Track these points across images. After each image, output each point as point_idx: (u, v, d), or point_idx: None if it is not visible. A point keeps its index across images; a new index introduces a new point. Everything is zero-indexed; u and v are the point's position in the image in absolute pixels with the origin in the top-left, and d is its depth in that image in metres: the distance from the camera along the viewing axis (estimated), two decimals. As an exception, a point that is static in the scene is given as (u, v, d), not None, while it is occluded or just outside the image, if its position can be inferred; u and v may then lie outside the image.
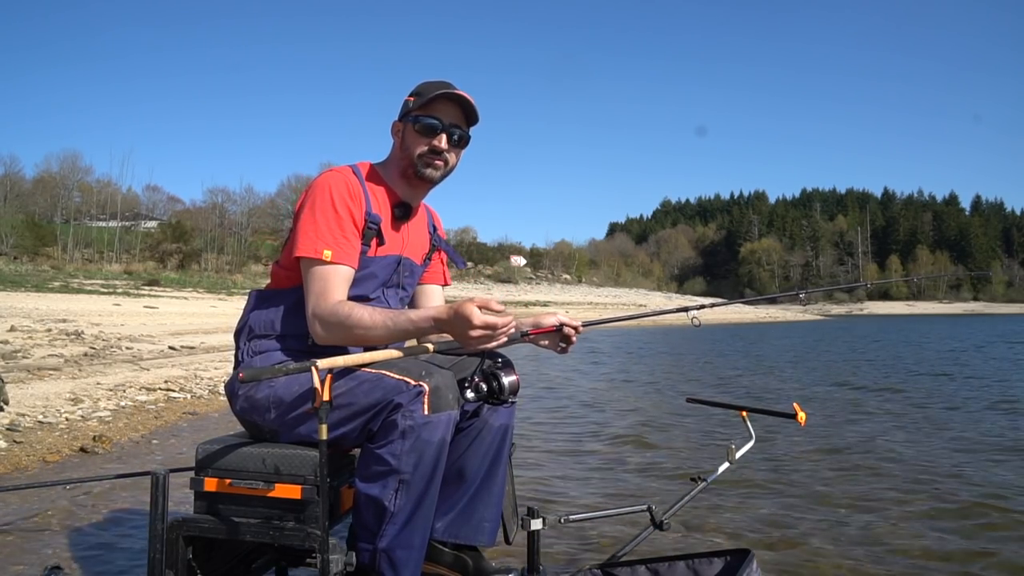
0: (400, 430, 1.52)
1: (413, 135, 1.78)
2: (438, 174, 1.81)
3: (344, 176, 1.74)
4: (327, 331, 1.63)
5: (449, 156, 1.81)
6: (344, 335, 1.63)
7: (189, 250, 50.35)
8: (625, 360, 13.10)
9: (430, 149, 1.77)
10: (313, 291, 1.65)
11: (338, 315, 1.61)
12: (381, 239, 1.78)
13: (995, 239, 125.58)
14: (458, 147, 1.83)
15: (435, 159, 1.78)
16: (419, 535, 1.58)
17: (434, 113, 1.77)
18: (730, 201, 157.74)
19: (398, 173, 1.83)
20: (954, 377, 9.32)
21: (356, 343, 1.66)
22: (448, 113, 1.78)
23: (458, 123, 1.79)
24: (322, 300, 1.64)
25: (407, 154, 1.79)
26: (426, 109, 1.77)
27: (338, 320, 1.61)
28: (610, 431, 5.20)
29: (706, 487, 2.15)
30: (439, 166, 1.80)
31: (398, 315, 1.62)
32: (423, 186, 1.84)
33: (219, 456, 1.59)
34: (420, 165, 1.78)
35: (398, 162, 1.83)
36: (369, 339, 1.63)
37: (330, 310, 1.62)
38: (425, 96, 1.76)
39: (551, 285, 78.80)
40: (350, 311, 1.61)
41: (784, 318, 52.35)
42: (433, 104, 1.76)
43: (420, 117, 1.77)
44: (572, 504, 3.15)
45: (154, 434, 4.54)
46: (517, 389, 1.76)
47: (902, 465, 3.95)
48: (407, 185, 1.83)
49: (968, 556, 2.49)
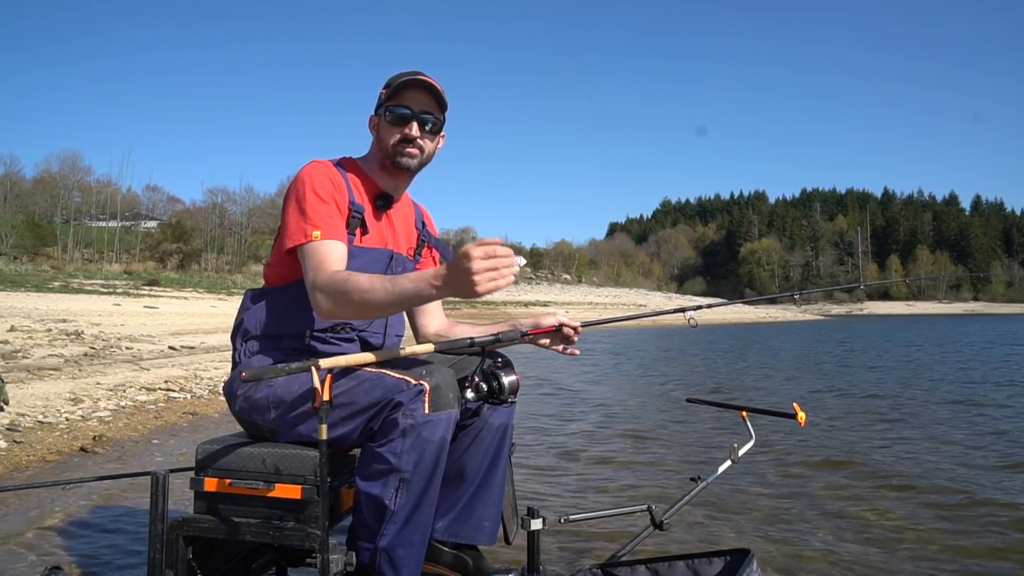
0: (401, 429, 1.52)
1: (386, 126, 1.80)
2: (414, 162, 1.82)
3: (325, 167, 1.76)
4: (329, 301, 1.59)
5: (423, 143, 1.81)
6: (345, 301, 1.57)
7: (189, 250, 50.34)
8: (625, 360, 13.10)
9: (403, 138, 1.78)
10: (310, 267, 1.64)
11: (336, 282, 1.58)
12: (365, 228, 1.78)
13: (995, 239, 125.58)
14: (432, 133, 1.83)
15: (409, 147, 1.80)
16: (419, 534, 1.58)
17: (404, 102, 1.78)
18: (730, 201, 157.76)
19: (377, 165, 1.85)
20: (964, 376, 9.32)
21: (359, 309, 1.60)
22: (418, 100, 1.79)
23: (429, 110, 1.80)
24: (320, 272, 1.62)
25: (383, 145, 1.81)
26: (396, 99, 1.78)
27: (337, 287, 1.57)
28: (610, 431, 5.20)
29: (706, 487, 2.15)
30: (414, 154, 1.81)
31: (395, 277, 1.58)
32: (402, 175, 1.85)
33: (219, 456, 1.59)
34: (395, 155, 1.80)
35: (376, 154, 1.85)
36: (371, 304, 1.55)
37: (328, 278, 1.60)
38: (394, 86, 1.78)
39: (551, 285, 78.76)
40: (347, 276, 1.58)
41: (784, 318, 52.35)
42: (402, 93, 1.77)
43: (391, 107, 1.78)
44: (572, 504, 3.15)
45: (154, 434, 4.54)
46: (517, 389, 1.76)
47: (903, 466, 3.95)
48: (387, 176, 1.85)
49: (971, 555, 2.49)
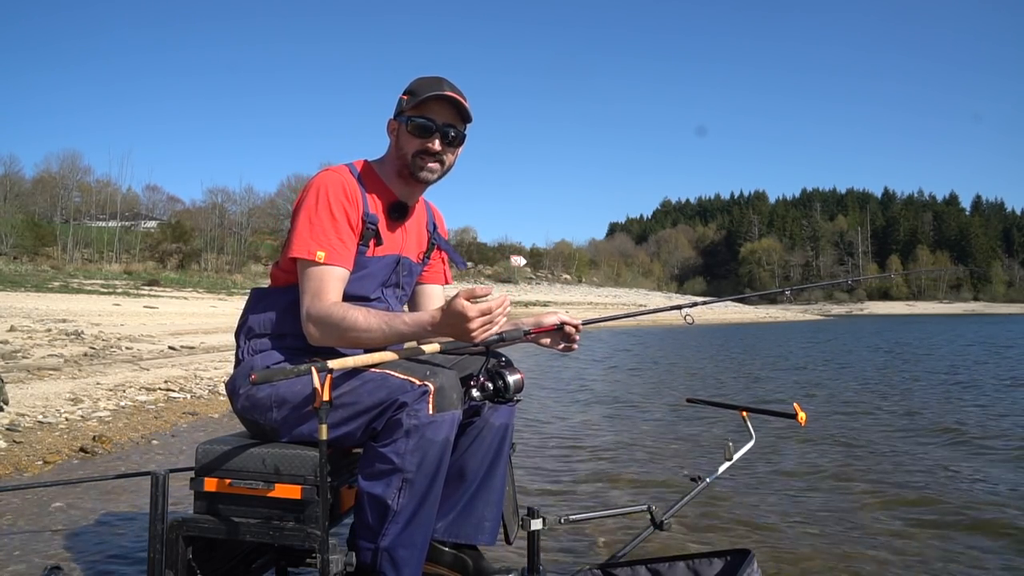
0: (404, 429, 1.52)
1: (407, 136, 1.78)
2: (434, 176, 1.81)
3: (341, 176, 1.74)
4: (322, 332, 1.63)
5: (445, 157, 1.80)
6: (339, 337, 1.62)
7: (189, 250, 50.35)
8: (624, 360, 13.10)
9: (424, 151, 1.77)
10: (308, 292, 1.66)
11: (333, 317, 1.61)
12: (379, 239, 1.78)
13: (995, 239, 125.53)
14: (453, 146, 1.82)
15: (430, 161, 1.78)
16: (421, 534, 1.58)
17: (427, 114, 1.76)
18: (730, 201, 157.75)
19: (395, 172, 1.83)
20: (958, 377, 9.32)
21: (350, 345, 1.65)
22: (441, 113, 1.77)
23: (452, 122, 1.78)
24: (316, 301, 1.63)
25: (402, 154, 1.79)
26: (419, 109, 1.76)
27: (333, 322, 1.61)
28: (610, 430, 5.20)
29: (706, 487, 2.14)
30: (435, 168, 1.80)
31: (393, 318, 1.62)
32: (419, 186, 1.85)
33: (219, 456, 1.59)
34: (415, 167, 1.78)
35: (394, 161, 1.83)
36: (363, 342, 1.62)
37: (325, 312, 1.62)
38: (418, 96, 1.75)
39: (551, 285, 78.73)
40: (345, 313, 1.60)
41: (784, 318, 52.37)
42: (426, 105, 1.75)
43: (413, 117, 1.76)
44: (572, 504, 3.15)
45: (154, 434, 4.54)
46: (522, 387, 1.77)
47: (903, 466, 3.95)
48: (403, 184, 1.83)
49: (971, 558, 2.49)
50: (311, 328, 1.64)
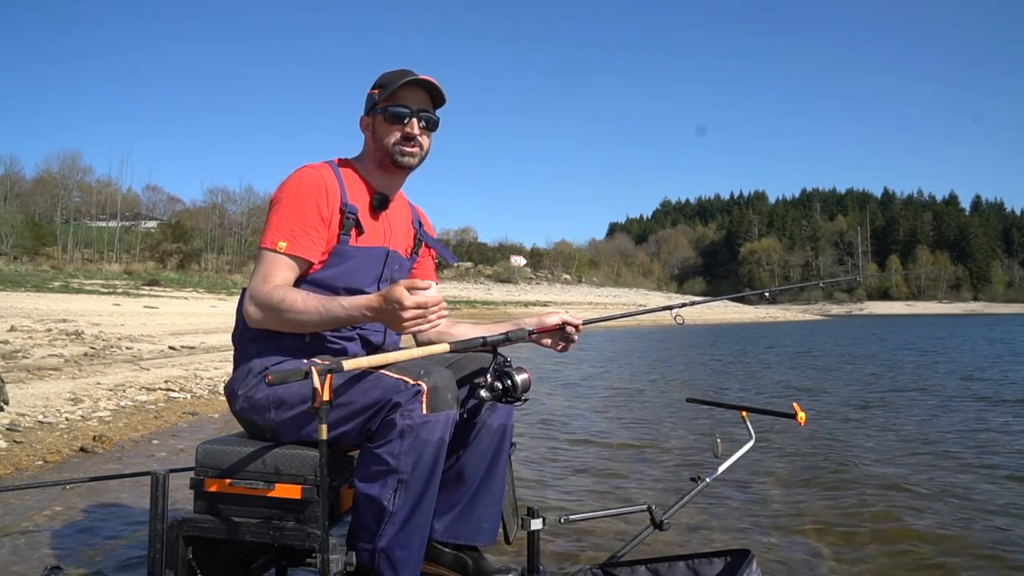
0: (399, 429, 1.52)
1: (384, 125, 1.81)
2: (415, 160, 1.84)
3: (316, 171, 1.77)
4: (259, 313, 1.65)
5: (422, 140, 1.84)
6: (276, 318, 1.64)
7: (189, 250, 50.39)
8: (624, 360, 13.10)
9: (403, 136, 1.80)
10: (256, 274, 1.69)
11: (272, 298, 1.63)
12: (360, 228, 1.79)
13: (995, 239, 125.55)
14: (429, 130, 1.86)
15: (410, 145, 1.81)
16: (418, 535, 1.58)
17: (401, 101, 1.79)
18: (730, 201, 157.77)
19: (374, 165, 1.86)
20: (960, 377, 9.32)
21: (288, 327, 1.67)
22: (415, 99, 1.81)
23: (426, 107, 1.83)
24: (261, 283, 1.66)
25: (381, 145, 1.82)
26: (393, 99, 1.79)
27: (272, 303, 1.63)
28: (610, 431, 5.20)
29: (706, 487, 2.15)
30: (415, 152, 1.83)
31: (329, 301, 1.63)
32: (401, 174, 1.87)
33: (219, 456, 1.59)
34: (396, 154, 1.81)
35: (373, 154, 1.85)
36: (300, 324, 1.64)
37: (265, 293, 1.64)
38: (390, 86, 1.79)
39: (551, 285, 78.74)
40: (284, 295, 1.63)
41: (784, 318, 52.40)
42: (399, 93, 1.79)
43: (389, 107, 1.79)
44: (572, 504, 3.15)
45: (154, 434, 4.54)
46: (529, 387, 1.77)
47: (903, 466, 3.95)
48: (384, 176, 1.86)
49: (971, 558, 2.49)
50: (250, 308, 1.66)
